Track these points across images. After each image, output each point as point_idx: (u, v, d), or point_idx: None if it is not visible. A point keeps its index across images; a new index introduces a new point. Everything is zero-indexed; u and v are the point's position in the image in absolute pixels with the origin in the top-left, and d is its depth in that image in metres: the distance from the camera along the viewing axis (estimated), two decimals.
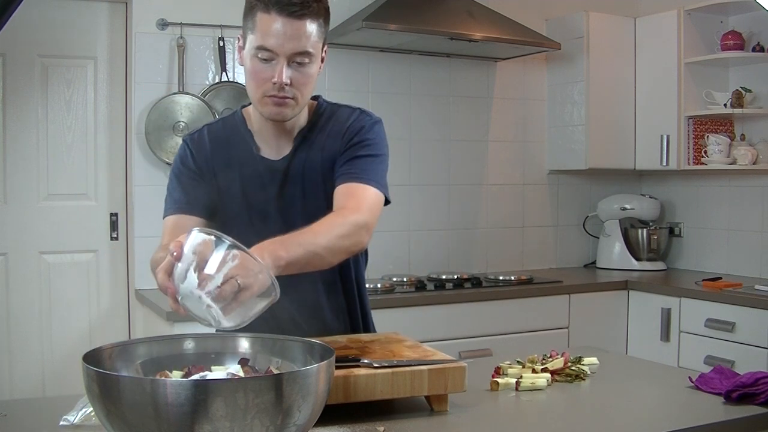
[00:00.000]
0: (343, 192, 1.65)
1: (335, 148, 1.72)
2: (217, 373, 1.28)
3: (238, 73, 3.42)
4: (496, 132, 4.04)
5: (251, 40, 1.61)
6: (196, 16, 3.32)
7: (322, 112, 1.77)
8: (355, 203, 1.61)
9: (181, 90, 3.29)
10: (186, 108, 3.28)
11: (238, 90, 3.39)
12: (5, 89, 3.18)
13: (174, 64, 3.30)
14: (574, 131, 4.00)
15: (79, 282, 3.31)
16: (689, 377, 1.73)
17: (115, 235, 3.37)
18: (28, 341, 3.21)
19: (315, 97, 1.78)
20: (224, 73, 3.37)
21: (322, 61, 1.67)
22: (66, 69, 3.27)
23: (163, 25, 3.28)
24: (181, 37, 3.29)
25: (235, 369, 1.31)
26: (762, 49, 3.67)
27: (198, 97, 3.30)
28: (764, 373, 1.61)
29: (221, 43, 3.34)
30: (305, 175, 1.72)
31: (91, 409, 1.42)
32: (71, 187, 3.30)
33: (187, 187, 1.72)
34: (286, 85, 1.59)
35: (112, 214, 3.37)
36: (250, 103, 1.78)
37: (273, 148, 1.74)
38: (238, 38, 1.68)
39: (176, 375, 1.28)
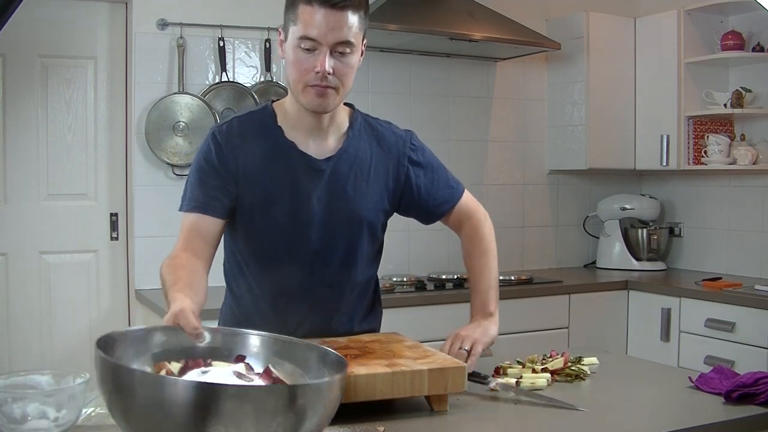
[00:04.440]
0: (456, 215, 1.92)
1: (388, 155, 1.80)
2: (217, 368, 1.28)
3: (238, 73, 3.43)
4: (496, 132, 4.04)
5: (294, 32, 1.62)
6: (196, 16, 3.32)
7: (357, 117, 1.81)
8: (469, 213, 1.93)
9: (181, 90, 3.29)
10: (186, 108, 3.28)
11: (238, 90, 3.39)
12: (5, 89, 3.18)
13: (174, 64, 3.30)
14: (574, 131, 4.00)
15: (79, 282, 3.31)
16: (689, 377, 1.73)
17: (115, 235, 3.37)
18: (28, 341, 3.21)
19: (347, 104, 1.81)
20: (224, 73, 3.37)
21: (362, 53, 1.70)
22: (66, 69, 3.27)
23: (163, 25, 3.28)
24: (181, 37, 3.29)
25: (234, 367, 1.31)
26: (762, 49, 3.67)
27: (198, 97, 3.30)
28: (764, 373, 1.61)
29: (221, 43, 3.34)
30: (352, 174, 1.75)
31: (92, 409, 1.42)
32: (71, 187, 3.30)
33: (206, 186, 1.69)
34: (328, 74, 1.61)
35: (112, 214, 3.37)
36: (278, 99, 1.79)
37: (304, 145, 1.73)
38: (279, 32, 1.69)
39: (174, 367, 1.28)
